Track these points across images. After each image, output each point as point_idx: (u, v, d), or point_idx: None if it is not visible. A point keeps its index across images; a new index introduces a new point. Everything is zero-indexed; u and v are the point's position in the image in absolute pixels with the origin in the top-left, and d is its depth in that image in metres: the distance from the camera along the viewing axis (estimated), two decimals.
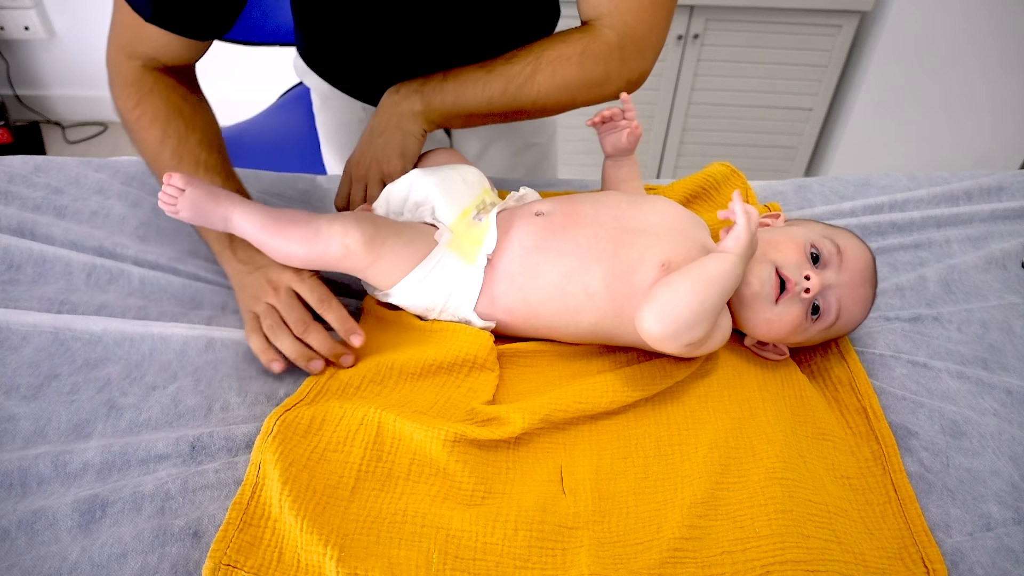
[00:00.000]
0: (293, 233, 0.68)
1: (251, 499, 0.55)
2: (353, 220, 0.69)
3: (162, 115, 0.77)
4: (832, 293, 0.69)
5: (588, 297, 0.68)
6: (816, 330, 0.70)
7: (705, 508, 0.56)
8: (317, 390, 0.65)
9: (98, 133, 2.53)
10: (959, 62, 1.83)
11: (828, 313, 0.69)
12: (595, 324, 0.69)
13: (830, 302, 0.69)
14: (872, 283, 0.71)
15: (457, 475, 0.58)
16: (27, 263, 0.76)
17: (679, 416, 0.65)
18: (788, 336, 0.70)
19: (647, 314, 0.63)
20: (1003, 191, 0.96)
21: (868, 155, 2.01)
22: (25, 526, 0.54)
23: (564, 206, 0.74)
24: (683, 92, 1.93)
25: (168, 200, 0.68)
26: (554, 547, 0.54)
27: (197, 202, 0.68)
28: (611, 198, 0.76)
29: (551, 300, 0.69)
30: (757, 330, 0.70)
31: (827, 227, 0.73)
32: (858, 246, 0.71)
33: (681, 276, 0.65)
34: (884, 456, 0.63)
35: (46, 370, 0.66)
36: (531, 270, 0.70)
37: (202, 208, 0.68)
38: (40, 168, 0.89)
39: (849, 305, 0.69)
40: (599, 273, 0.68)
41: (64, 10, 2.33)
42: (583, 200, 0.75)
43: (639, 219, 0.72)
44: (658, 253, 0.68)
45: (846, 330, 0.72)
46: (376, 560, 0.51)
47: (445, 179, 0.76)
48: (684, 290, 0.63)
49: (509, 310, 0.71)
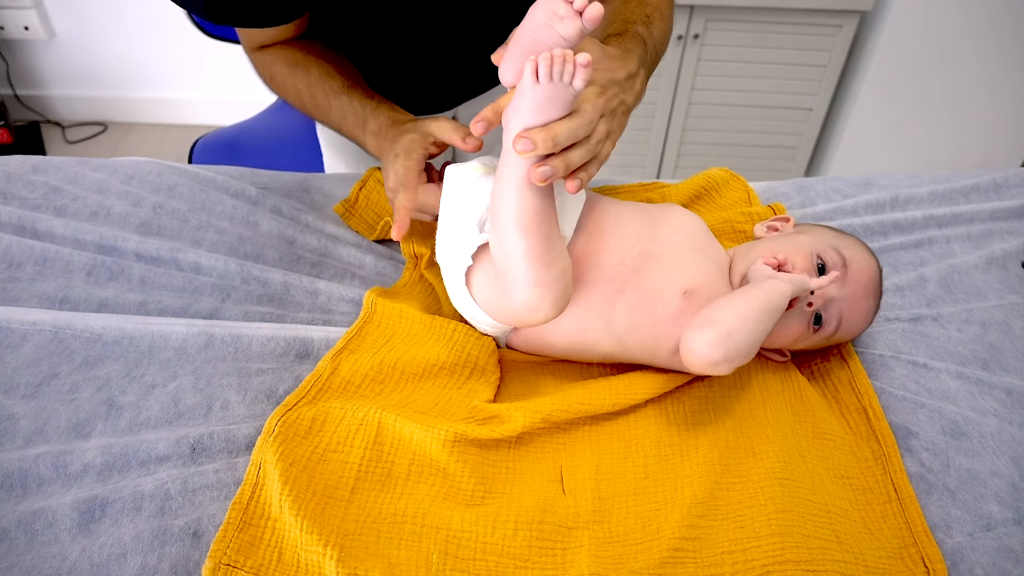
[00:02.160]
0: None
1: (251, 499, 0.54)
2: (559, 290, 0.60)
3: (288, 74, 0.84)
4: (835, 306, 0.69)
5: (609, 331, 0.68)
6: (817, 339, 0.70)
7: (705, 508, 0.56)
8: (318, 387, 0.64)
9: (98, 133, 2.53)
10: (959, 62, 1.83)
11: (829, 324, 0.69)
12: (611, 351, 0.69)
13: (832, 314, 0.69)
14: (876, 295, 0.71)
15: (457, 475, 0.58)
16: (27, 261, 0.76)
17: (679, 416, 0.65)
18: (789, 345, 0.71)
19: (702, 341, 0.60)
20: (1003, 189, 0.96)
21: (868, 155, 2.01)
22: (24, 526, 0.54)
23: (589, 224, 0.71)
24: (683, 92, 1.93)
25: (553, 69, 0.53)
26: (554, 547, 0.54)
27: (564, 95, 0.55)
28: (633, 215, 0.73)
29: (567, 335, 0.69)
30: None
31: (835, 235, 0.73)
32: (864, 257, 0.71)
33: (743, 303, 0.62)
34: (884, 456, 0.63)
35: (46, 369, 0.66)
36: None
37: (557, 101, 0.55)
38: (38, 168, 0.89)
39: (851, 317, 0.70)
40: (622, 307, 0.67)
41: (64, 10, 2.33)
42: (606, 215, 0.72)
43: (660, 240, 0.71)
44: (680, 280, 0.67)
45: (847, 339, 0.73)
46: (376, 560, 0.51)
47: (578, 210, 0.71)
48: (749, 318, 0.61)
49: (526, 340, 0.72)
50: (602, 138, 0.60)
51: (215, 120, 2.53)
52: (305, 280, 0.79)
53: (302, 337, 0.71)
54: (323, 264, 0.85)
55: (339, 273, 0.84)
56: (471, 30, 0.87)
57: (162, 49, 2.39)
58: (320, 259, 0.85)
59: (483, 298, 0.68)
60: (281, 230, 0.87)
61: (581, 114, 0.57)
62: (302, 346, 0.71)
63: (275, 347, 0.70)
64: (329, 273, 0.83)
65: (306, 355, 0.70)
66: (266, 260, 0.83)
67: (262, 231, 0.86)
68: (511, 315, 0.66)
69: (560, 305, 0.61)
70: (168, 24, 2.29)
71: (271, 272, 0.79)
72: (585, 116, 0.57)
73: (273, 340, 0.70)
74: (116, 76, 2.49)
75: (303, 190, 0.95)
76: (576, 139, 0.57)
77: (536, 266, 0.59)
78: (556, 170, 0.56)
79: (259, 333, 0.70)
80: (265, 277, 0.79)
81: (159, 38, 2.35)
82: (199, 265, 0.79)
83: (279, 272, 0.79)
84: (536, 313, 0.61)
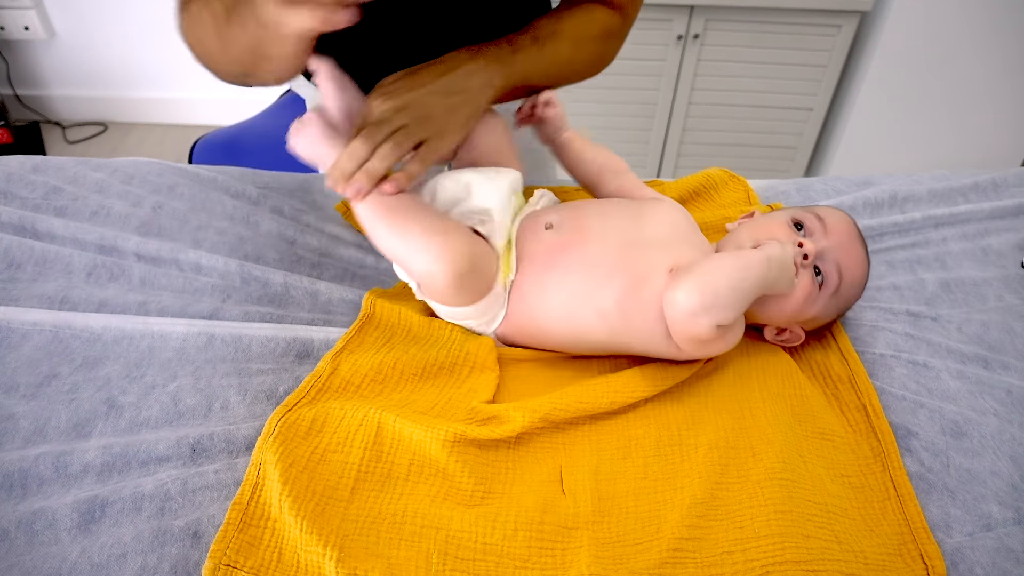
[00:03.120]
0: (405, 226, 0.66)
1: (251, 499, 0.54)
2: (451, 250, 0.65)
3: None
4: (828, 256, 0.71)
5: (600, 317, 0.68)
6: (825, 298, 0.71)
7: (705, 508, 0.56)
8: (318, 388, 0.64)
9: (98, 133, 2.53)
10: (959, 62, 1.83)
11: (831, 276, 0.70)
12: (606, 340, 0.69)
13: (829, 266, 0.71)
14: (862, 241, 0.73)
15: (457, 475, 0.58)
16: (27, 262, 0.76)
17: (679, 416, 0.65)
18: (802, 309, 0.71)
19: (680, 290, 0.62)
20: (1002, 189, 0.96)
21: (868, 155, 2.01)
22: (24, 526, 0.54)
23: (572, 219, 0.73)
24: (683, 92, 1.93)
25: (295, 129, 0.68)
26: (554, 547, 0.54)
27: (315, 139, 0.68)
28: (616, 208, 0.76)
29: (559, 321, 0.69)
30: (773, 313, 0.71)
31: (801, 207, 0.76)
32: (836, 212, 0.74)
33: (718, 256, 0.66)
34: (884, 453, 0.63)
35: (46, 369, 0.66)
36: (539, 289, 0.70)
37: (317, 147, 0.68)
38: (38, 168, 0.89)
39: (848, 265, 0.71)
40: (610, 292, 0.67)
41: (64, 10, 2.33)
42: (590, 211, 0.74)
43: (645, 230, 0.72)
44: (666, 260, 0.68)
45: (853, 294, 0.73)
46: (376, 560, 0.51)
47: (505, 195, 0.73)
48: (725, 266, 0.64)
49: (519, 328, 0.72)
50: (402, 141, 0.65)
51: (215, 120, 2.53)
52: (305, 281, 0.79)
53: (302, 337, 0.71)
54: (324, 264, 0.85)
55: (340, 273, 0.84)
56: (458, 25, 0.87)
57: (162, 49, 2.39)
58: (321, 259, 0.85)
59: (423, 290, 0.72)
60: (282, 230, 0.87)
61: (359, 137, 0.65)
62: (302, 346, 0.71)
63: (275, 347, 0.70)
64: (330, 274, 0.84)
65: (306, 355, 0.71)
66: (266, 260, 0.83)
67: (262, 231, 0.86)
68: (429, 290, 0.69)
69: (448, 260, 0.65)
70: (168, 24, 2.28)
71: (271, 272, 0.79)
72: (363, 137, 0.64)
73: (273, 340, 0.70)
74: (116, 76, 2.49)
75: (304, 190, 0.95)
76: (357, 160, 0.64)
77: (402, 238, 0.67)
78: (361, 184, 0.64)
79: (259, 333, 0.70)
80: (265, 277, 0.79)
81: (159, 38, 2.35)
82: (199, 265, 0.79)
83: (279, 272, 0.79)
84: (435, 276, 0.66)
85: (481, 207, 0.71)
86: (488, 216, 0.71)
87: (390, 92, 0.68)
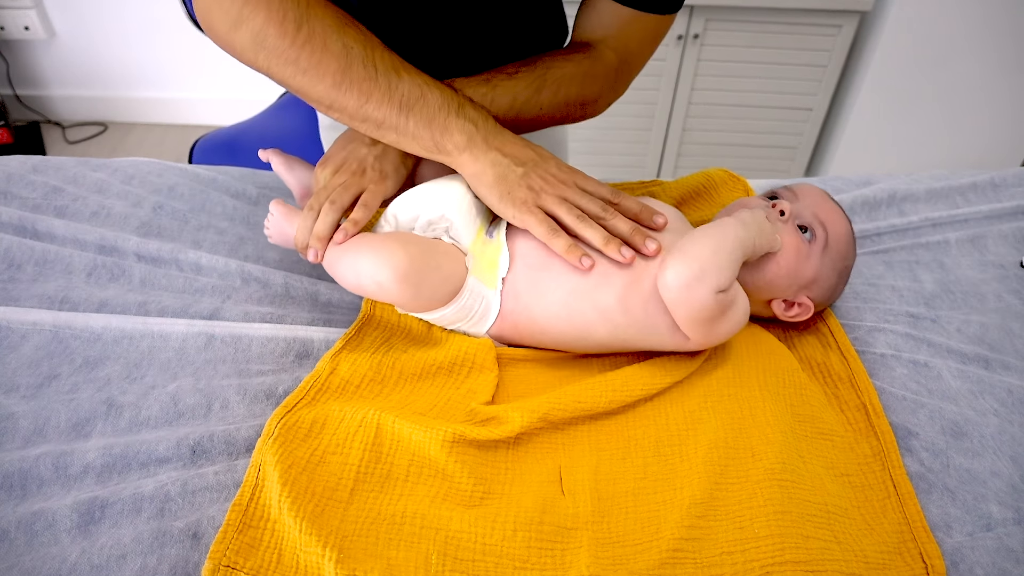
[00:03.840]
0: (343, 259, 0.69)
1: (251, 500, 0.54)
2: (386, 252, 0.66)
3: (334, 28, 0.65)
4: (805, 213, 0.74)
5: (600, 313, 0.67)
6: (817, 254, 0.72)
7: (704, 509, 0.56)
8: (317, 387, 0.64)
9: (98, 133, 2.53)
10: (959, 62, 1.83)
11: (816, 229, 0.73)
12: (608, 337, 0.69)
13: (811, 220, 0.73)
14: (835, 201, 0.77)
15: (456, 476, 0.58)
16: (27, 262, 0.76)
17: (678, 416, 0.65)
18: (798, 266, 0.72)
19: (668, 269, 0.63)
20: (1001, 189, 0.96)
21: (868, 155, 2.01)
22: (24, 527, 0.54)
23: None
24: (683, 92, 1.93)
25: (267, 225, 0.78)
26: (553, 548, 0.54)
27: (280, 226, 0.76)
28: None
29: (557, 318, 0.69)
30: (772, 277, 0.72)
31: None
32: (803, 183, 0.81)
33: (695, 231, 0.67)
34: (883, 453, 0.63)
35: (46, 369, 0.66)
36: (535, 288, 0.69)
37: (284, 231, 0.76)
38: (38, 168, 0.89)
39: (829, 219, 0.74)
40: (610, 288, 0.67)
41: (64, 10, 2.33)
42: None
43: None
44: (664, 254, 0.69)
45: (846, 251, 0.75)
46: (375, 561, 0.51)
47: (460, 195, 0.72)
48: (701, 235, 0.65)
49: (516, 326, 0.71)
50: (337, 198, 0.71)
51: (215, 120, 2.53)
52: (306, 281, 0.79)
53: (302, 338, 0.71)
54: None
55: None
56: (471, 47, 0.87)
57: (162, 49, 2.39)
58: None
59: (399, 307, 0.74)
60: None
61: (304, 210, 0.72)
62: (302, 347, 0.71)
63: (275, 348, 0.70)
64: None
65: (306, 356, 0.71)
66: (266, 261, 0.83)
67: (263, 231, 0.86)
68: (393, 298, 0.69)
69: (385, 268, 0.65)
70: (168, 24, 2.29)
71: (271, 273, 0.79)
72: (307, 208, 0.71)
73: (273, 341, 0.70)
74: (116, 76, 2.49)
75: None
76: (305, 230, 0.71)
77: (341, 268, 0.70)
78: (315, 247, 0.70)
79: (259, 333, 0.70)
80: (265, 278, 0.79)
81: (159, 38, 2.35)
82: (199, 266, 0.79)
83: (279, 273, 0.79)
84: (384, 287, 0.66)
85: (438, 214, 0.71)
86: (447, 220, 0.71)
87: (325, 159, 0.75)
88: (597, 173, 0.88)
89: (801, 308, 0.74)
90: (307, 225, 0.70)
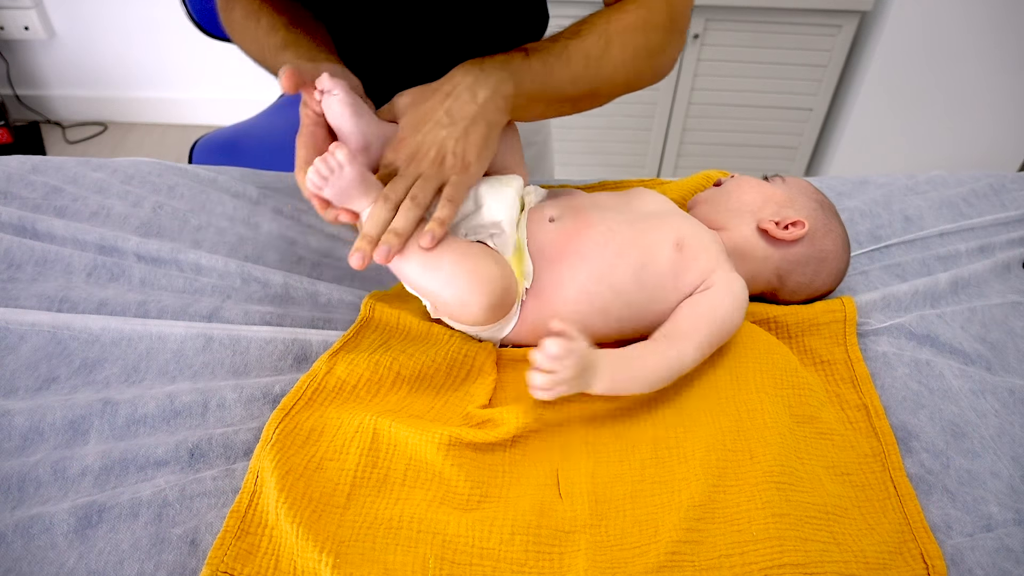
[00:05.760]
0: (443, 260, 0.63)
1: (249, 507, 0.54)
2: (485, 279, 0.63)
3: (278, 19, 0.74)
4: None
5: (615, 294, 0.69)
6: (780, 183, 0.79)
7: (702, 512, 0.56)
8: (314, 388, 0.64)
9: (98, 133, 2.53)
10: (959, 62, 1.83)
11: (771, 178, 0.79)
12: (620, 322, 0.70)
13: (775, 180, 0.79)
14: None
15: (453, 479, 0.58)
16: (27, 262, 0.76)
17: (676, 419, 0.65)
18: (763, 190, 0.78)
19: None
20: (1001, 193, 0.96)
21: (868, 155, 2.01)
22: (22, 531, 0.54)
23: (570, 208, 0.74)
24: (683, 92, 1.93)
25: (323, 173, 0.61)
26: (551, 551, 0.54)
27: (348, 187, 0.61)
28: (606, 197, 0.78)
29: (577, 304, 0.69)
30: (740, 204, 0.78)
31: None
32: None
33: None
34: (884, 453, 0.63)
35: (44, 371, 0.66)
36: (555, 282, 0.69)
37: (349, 195, 0.62)
38: (37, 168, 0.89)
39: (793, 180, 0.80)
40: (625, 268, 0.69)
41: (64, 10, 2.33)
42: (583, 201, 0.76)
43: (639, 208, 0.76)
44: (670, 233, 0.71)
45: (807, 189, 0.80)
46: (372, 566, 0.51)
47: (513, 203, 0.70)
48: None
49: (533, 325, 0.71)
50: (419, 193, 0.63)
51: (215, 120, 2.53)
52: (305, 281, 0.79)
53: (301, 340, 0.71)
54: (324, 265, 0.84)
55: (340, 274, 0.84)
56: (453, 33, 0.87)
57: (162, 49, 2.39)
58: (321, 260, 0.85)
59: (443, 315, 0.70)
60: (282, 231, 0.87)
61: (378, 200, 0.63)
62: (300, 349, 0.71)
63: (273, 350, 0.70)
64: (330, 274, 0.83)
65: (304, 358, 0.70)
66: (266, 261, 0.83)
67: (263, 232, 0.86)
68: (461, 318, 0.68)
69: (483, 287, 0.63)
70: (168, 24, 2.29)
71: (271, 273, 0.79)
72: (382, 199, 0.62)
73: (272, 343, 0.70)
74: (116, 76, 2.49)
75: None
76: (382, 223, 0.62)
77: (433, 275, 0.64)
78: (391, 245, 0.61)
79: (258, 335, 0.70)
80: (265, 278, 0.79)
81: (159, 38, 2.35)
82: (199, 266, 0.79)
83: (279, 273, 0.79)
84: (470, 306, 0.63)
85: (491, 220, 0.69)
86: (499, 229, 0.69)
87: (398, 142, 0.66)
88: (597, 173, 0.88)
89: (797, 227, 0.76)
90: (383, 217, 0.62)
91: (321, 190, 0.62)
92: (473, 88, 0.66)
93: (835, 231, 0.78)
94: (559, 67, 0.70)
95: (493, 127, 0.67)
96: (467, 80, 0.66)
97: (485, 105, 0.66)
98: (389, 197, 0.63)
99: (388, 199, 0.63)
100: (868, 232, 0.90)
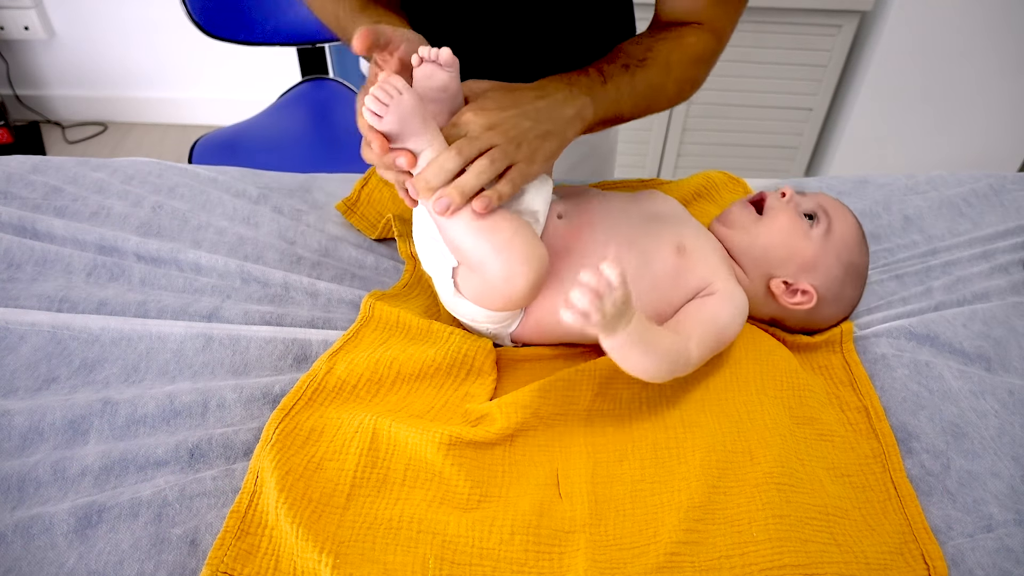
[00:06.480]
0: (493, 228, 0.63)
1: (249, 507, 0.54)
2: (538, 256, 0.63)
3: None
4: (809, 202, 0.75)
5: None
6: (819, 238, 0.73)
7: (702, 512, 0.56)
8: (314, 387, 0.64)
9: (98, 133, 2.53)
10: (959, 62, 1.82)
11: (819, 215, 0.73)
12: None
13: (813, 208, 0.74)
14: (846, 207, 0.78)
15: (452, 479, 0.58)
16: (27, 262, 0.76)
17: (676, 419, 0.65)
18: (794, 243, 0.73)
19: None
20: (1001, 193, 0.96)
21: (868, 155, 2.01)
22: (22, 531, 0.54)
23: (577, 206, 0.74)
24: None
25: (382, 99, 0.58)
26: (551, 551, 0.54)
27: (408, 115, 0.60)
28: (615, 196, 0.78)
29: None
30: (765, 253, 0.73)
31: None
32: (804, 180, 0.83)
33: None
34: (884, 455, 0.63)
35: (44, 371, 0.66)
36: (556, 278, 0.69)
37: (409, 126, 0.60)
38: (38, 168, 0.89)
39: (836, 211, 0.75)
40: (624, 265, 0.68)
41: (64, 10, 2.33)
42: (591, 199, 0.76)
43: (647, 210, 0.76)
44: (672, 236, 0.72)
45: (847, 238, 0.74)
46: (372, 566, 0.51)
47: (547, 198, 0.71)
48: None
49: (538, 321, 0.71)
50: (497, 160, 0.62)
51: (215, 120, 2.53)
52: (305, 281, 0.79)
53: (301, 340, 0.71)
54: (324, 264, 0.84)
55: (340, 274, 0.84)
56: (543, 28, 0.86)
57: (162, 49, 2.39)
58: (321, 259, 0.85)
59: (471, 291, 0.69)
60: (282, 230, 0.87)
61: (449, 150, 0.61)
62: (300, 349, 0.71)
63: (273, 350, 0.70)
64: (330, 274, 0.83)
65: (304, 358, 0.70)
66: (266, 260, 0.83)
67: (262, 231, 0.86)
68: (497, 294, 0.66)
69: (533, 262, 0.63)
70: (168, 24, 2.29)
71: (271, 272, 0.79)
72: (454, 150, 0.61)
73: (272, 343, 0.70)
74: (116, 76, 2.48)
75: (305, 190, 0.95)
76: (447, 173, 0.61)
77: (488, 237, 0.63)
78: (452, 199, 0.61)
79: (257, 335, 0.70)
80: (265, 277, 0.79)
81: (159, 38, 2.35)
82: (199, 265, 0.79)
83: (279, 272, 0.79)
84: (516, 279, 0.63)
85: (531, 208, 0.69)
86: (535, 218, 0.70)
87: (483, 108, 0.65)
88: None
89: (805, 296, 0.72)
90: (449, 169, 0.61)
91: (380, 120, 0.59)
92: (563, 103, 0.68)
93: (845, 298, 0.76)
94: (626, 95, 0.73)
95: (564, 144, 0.68)
96: (559, 94, 0.68)
97: (569, 122, 0.68)
98: (463, 150, 0.61)
99: (461, 152, 0.61)
100: (868, 232, 0.90)
